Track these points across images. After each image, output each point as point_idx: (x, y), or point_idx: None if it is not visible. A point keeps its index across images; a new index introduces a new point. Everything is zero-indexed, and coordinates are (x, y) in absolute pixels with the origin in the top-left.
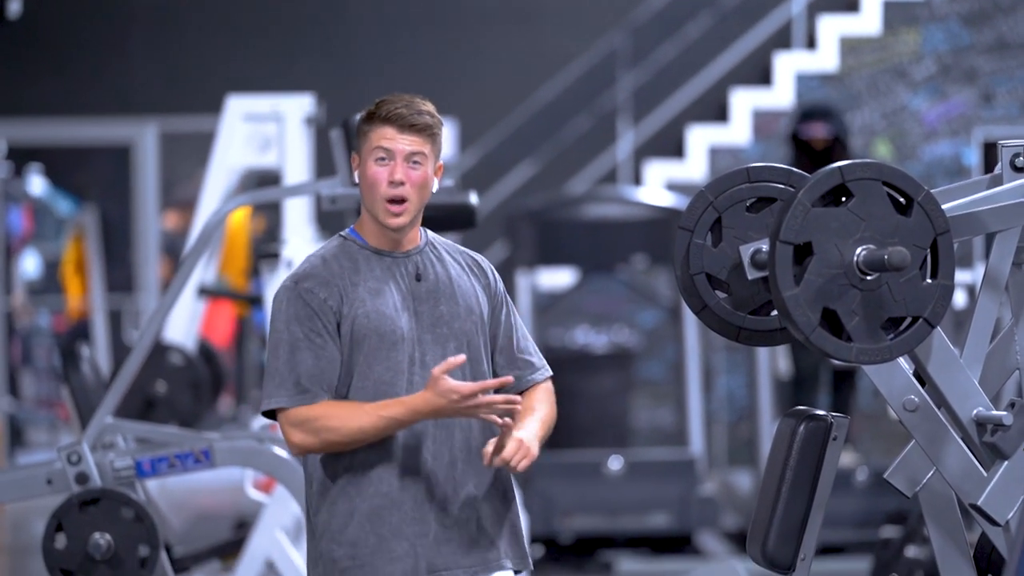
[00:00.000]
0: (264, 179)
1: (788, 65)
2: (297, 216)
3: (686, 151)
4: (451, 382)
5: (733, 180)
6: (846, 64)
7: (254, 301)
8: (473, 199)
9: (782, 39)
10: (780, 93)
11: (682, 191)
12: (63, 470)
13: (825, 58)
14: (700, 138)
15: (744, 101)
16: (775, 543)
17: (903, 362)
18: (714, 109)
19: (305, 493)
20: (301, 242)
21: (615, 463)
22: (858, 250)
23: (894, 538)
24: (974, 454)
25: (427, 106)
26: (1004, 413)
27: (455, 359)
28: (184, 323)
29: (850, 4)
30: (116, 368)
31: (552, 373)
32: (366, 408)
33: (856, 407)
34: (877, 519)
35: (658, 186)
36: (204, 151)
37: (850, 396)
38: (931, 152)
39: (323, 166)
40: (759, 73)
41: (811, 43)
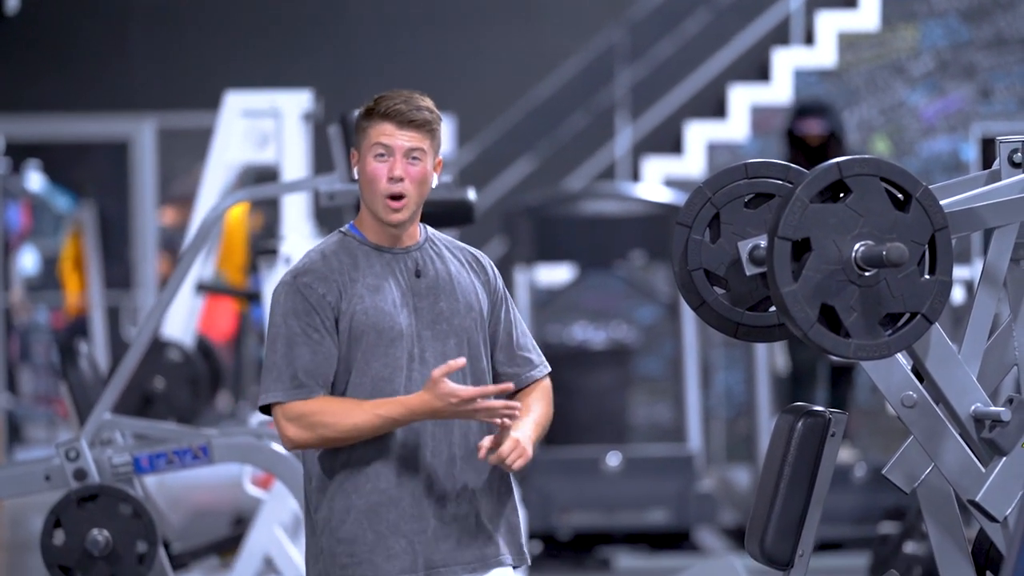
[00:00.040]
0: (262, 175)
1: (786, 61)
2: (295, 212)
3: (684, 147)
4: (451, 386)
5: (731, 176)
6: (844, 60)
7: (252, 297)
8: (471, 195)
9: (780, 35)
10: (778, 89)
11: (680, 187)
12: (61, 466)
13: (823, 54)
14: (698, 134)
15: (742, 97)
16: (773, 539)
17: (901, 358)
18: (712, 105)
19: (304, 489)
20: (299, 238)
21: (613, 459)
22: (856, 246)
23: (892, 534)
24: (972, 450)
25: (426, 102)
26: (1002, 409)
27: (455, 362)
28: (182, 319)
29: (848, 0)
30: (114, 364)
31: (551, 370)
32: (363, 406)
33: (854, 403)
34: (875, 515)
35: (656, 182)
36: (202, 147)
37: (848, 392)
38: (929, 148)
39: (321, 162)
40: (757, 69)
41: (809, 39)
